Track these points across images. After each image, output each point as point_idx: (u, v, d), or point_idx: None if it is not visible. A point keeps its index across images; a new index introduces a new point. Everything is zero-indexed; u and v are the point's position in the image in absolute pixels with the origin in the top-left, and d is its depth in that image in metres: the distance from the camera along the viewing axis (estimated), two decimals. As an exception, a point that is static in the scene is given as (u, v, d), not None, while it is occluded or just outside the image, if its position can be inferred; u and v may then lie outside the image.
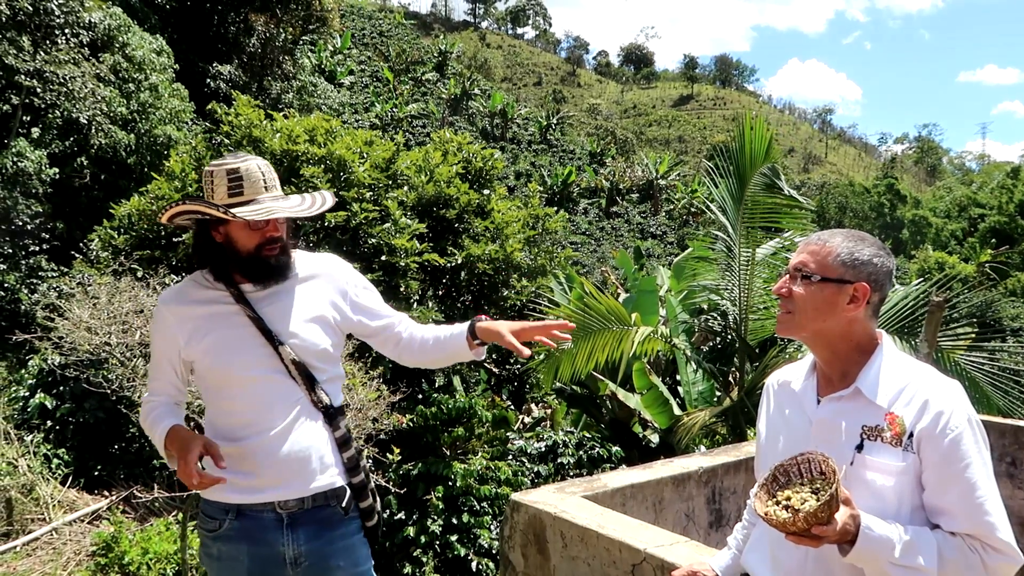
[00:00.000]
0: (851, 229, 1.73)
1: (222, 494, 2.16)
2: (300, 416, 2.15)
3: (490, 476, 7.71)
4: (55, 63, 13.80)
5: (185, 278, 2.30)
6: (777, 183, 6.34)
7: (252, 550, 2.14)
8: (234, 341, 2.14)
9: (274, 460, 2.12)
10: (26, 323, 11.25)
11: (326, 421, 2.20)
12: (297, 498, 2.14)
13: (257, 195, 2.15)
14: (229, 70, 21.26)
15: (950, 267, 33.67)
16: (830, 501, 1.43)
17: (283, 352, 2.13)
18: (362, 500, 2.25)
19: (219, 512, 2.17)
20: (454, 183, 10.52)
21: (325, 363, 2.22)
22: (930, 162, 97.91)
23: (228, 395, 2.17)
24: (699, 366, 7.86)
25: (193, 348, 2.17)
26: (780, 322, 1.73)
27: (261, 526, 2.14)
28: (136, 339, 5.65)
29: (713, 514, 3.30)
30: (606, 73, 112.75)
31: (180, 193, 10.07)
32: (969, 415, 1.59)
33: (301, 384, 2.16)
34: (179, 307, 2.20)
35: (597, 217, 44.16)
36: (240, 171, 2.15)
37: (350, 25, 60.46)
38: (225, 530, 2.16)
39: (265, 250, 2.16)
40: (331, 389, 2.23)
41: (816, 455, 1.54)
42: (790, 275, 1.71)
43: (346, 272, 2.33)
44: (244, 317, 2.16)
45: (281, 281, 2.20)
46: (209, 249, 2.19)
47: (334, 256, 2.39)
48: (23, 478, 7.37)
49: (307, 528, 2.15)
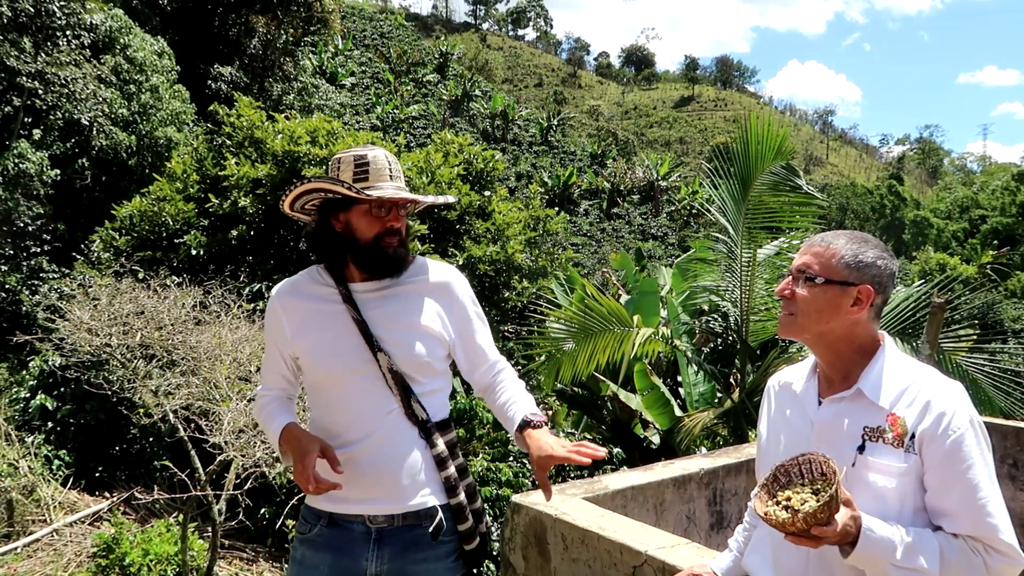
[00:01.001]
0: (854, 231, 1.72)
1: (317, 500, 2.12)
2: (393, 428, 2.08)
3: (491, 478, 7.70)
4: (56, 65, 13.81)
5: (302, 271, 2.24)
6: (792, 180, 6.33)
7: (335, 561, 2.09)
8: (335, 341, 2.09)
9: (364, 472, 2.06)
10: (27, 324, 11.25)
11: (422, 435, 2.10)
12: (387, 514, 2.07)
13: (381, 182, 2.11)
14: (230, 71, 21.28)
15: (951, 268, 33.67)
16: (830, 502, 1.43)
17: (380, 359, 2.06)
18: (461, 522, 2.13)
19: (312, 517, 2.14)
20: (455, 184, 10.53)
21: (425, 375, 2.12)
22: (931, 163, 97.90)
23: (326, 397, 2.12)
24: (700, 367, 7.85)
25: (298, 343, 2.13)
26: (782, 324, 1.72)
27: (350, 538, 2.08)
28: (137, 340, 5.65)
29: (714, 516, 3.30)
30: (607, 74, 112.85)
31: (181, 194, 10.08)
32: (971, 416, 1.58)
33: (396, 394, 2.07)
34: (289, 300, 2.16)
35: (598, 218, 44.14)
36: (367, 158, 2.11)
37: (351, 26, 60.50)
38: (314, 535, 2.12)
39: (384, 240, 2.10)
40: (431, 402, 2.13)
41: (817, 456, 1.54)
42: (793, 277, 1.70)
43: (460, 289, 2.23)
44: (348, 318, 2.10)
45: (395, 276, 2.14)
46: (327, 239, 2.14)
47: (455, 270, 2.28)
48: (24, 479, 7.36)
49: (394, 546, 2.08)
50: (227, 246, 9.58)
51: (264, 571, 7.18)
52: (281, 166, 9.79)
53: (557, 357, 6.85)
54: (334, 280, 2.14)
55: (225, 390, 5.47)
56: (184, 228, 9.79)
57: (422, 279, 2.18)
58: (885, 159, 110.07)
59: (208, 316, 6.29)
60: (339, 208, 2.11)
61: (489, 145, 36.45)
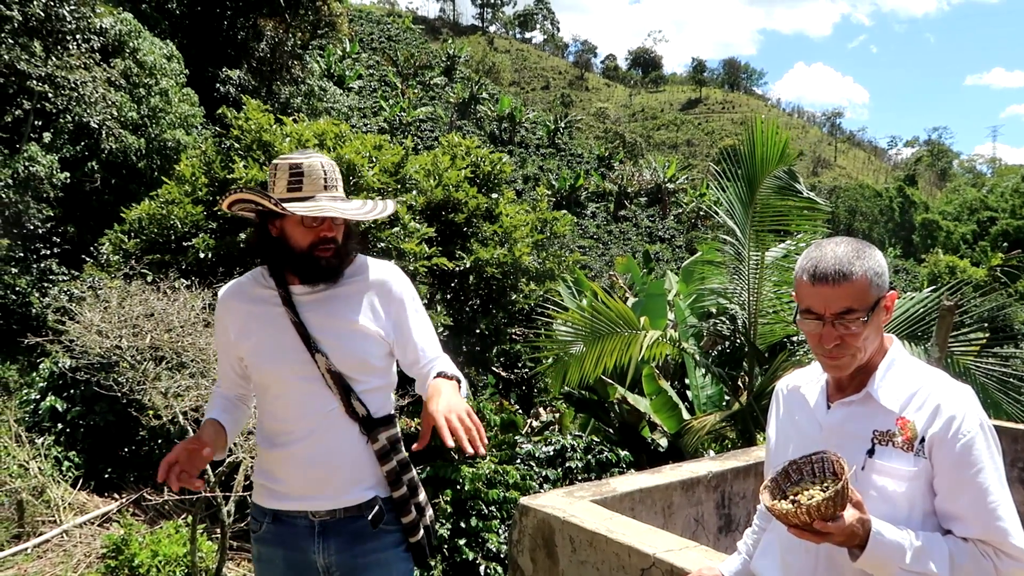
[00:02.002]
0: (840, 239, 1.65)
1: (261, 498, 2.19)
2: (332, 425, 2.11)
3: (498, 480, 7.70)
4: (66, 68, 13.89)
5: (248, 273, 2.29)
6: (794, 185, 6.31)
7: (287, 555, 2.16)
8: (275, 344, 2.13)
9: (304, 469, 2.11)
10: (37, 326, 11.32)
11: (363, 432, 2.13)
12: (327, 509, 2.12)
13: (315, 192, 2.12)
14: (239, 75, 21.36)
15: (961, 271, 33.50)
16: (835, 496, 1.42)
17: (319, 360, 2.10)
18: (404, 515, 2.18)
19: (260, 515, 2.20)
20: (462, 187, 10.54)
21: (363, 373, 2.15)
22: (941, 166, 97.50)
23: (269, 398, 2.16)
24: (708, 370, 7.83)
25: (241, 345, 2.18)
26: (841, 367, 1.63)
27: (294, 532, 2.14)
28: (147, 343, 5.68)
29: (723, 519, 3.29)
30: (614, 77, 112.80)
31: (190, 197, 10.13)
32: (981, 420, 1.58)
33: (336, 393, 2.11)
34: (233, 302, 2.21)
35: (605, 221, 44.11)
36: (302, 167, 2.13)
37: (358, 30, 60.66)
38: (264, 533, 2.19)
39: (317, 250, 2.12)
40: (372, 399, 2.16)
41: (830, 455, 1.54)
42: (830, 324, 1.59)
43: (400, 288, 2.24)
44: (287, 320, 2.13)
45: (331, 284, 2.16)
46: (265, 243, 2.18)
47: (394, 268, 2.30)
48: (34, 480, 7.41)
49: (339, 539, 2.13)
50: (235, 249, 9.62)
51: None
52: (289, 169, 9.79)
53: (564, 360, 6.84)
54: (275, 282, 2.17)
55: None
56: (193, 231, 9.83)
57: (360, 279, 2.21)
58: (893, 161, 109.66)
59: (217, 318, 6.29)
60: (274, 216, 2.13)
61: (496, 148, 36.51)
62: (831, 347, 1.60)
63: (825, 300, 1.59)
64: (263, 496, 2.18)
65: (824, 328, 1.60)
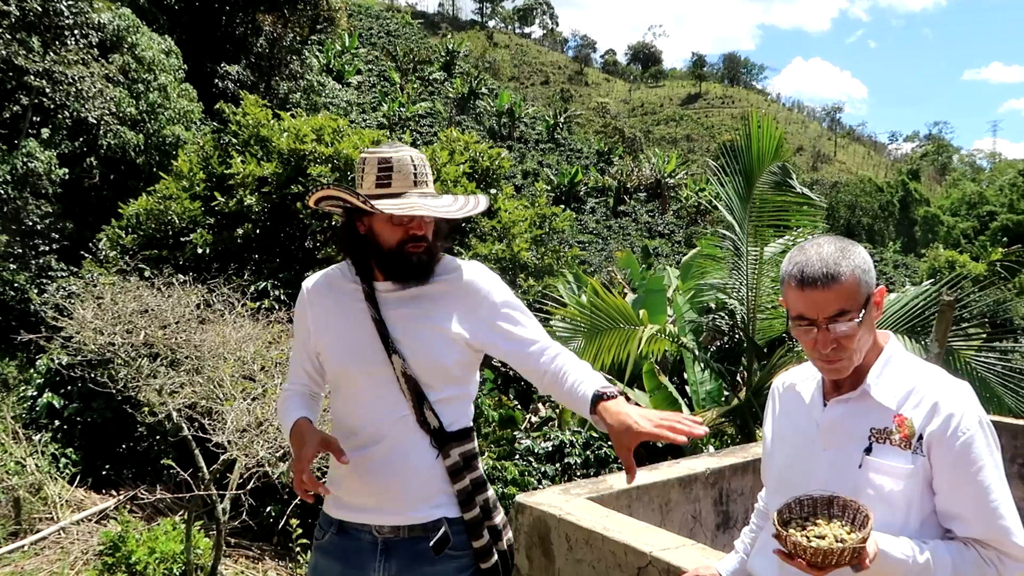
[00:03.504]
0: (822, 239, 1.62)
1: (329, 507, 2.09)
2: (402, 434, 2.00)
3: (497, 476, 7.68)
4: (64, 64, 13.85)
5: (335, 265, 2.19)
6: (788, 181, 6.29)
7: (344, 569, 2.04)
8: (353, 339, 2.03)
9: (368, 477, 2.00)
10: (35, 323, 11.31)
11: (434, 445, 2.01)
12: (392, 525, 2.00)
13: (406, 189, 2.01)
14: (237, 70, 21.31)
15: (960, 266, 33.50)
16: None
17: (395, 361, 1.98)
18: (475, 538, 2.02)
19: (326, 523, 2.10)
20: (461, 182, 10.50)
21: (441, 380, 2.02)
22: (942, 160, 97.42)
23: (342, 395, 2.07)
24: (707, 365, 7.82)
25: (319, 338, 2.09)
26: (839, 370, 1.60)
27: (357, 547, 2.03)
28: (141, 339, 5.65)
29: (720, 516, 3.27)
30: (613, 72, 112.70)
31: (188, 193, 10.10)
32: (980, 417, 1.56)
33: (409, 399, 1.99)
34: (316, 293, 2.13)
35: (604, 216, 44.08)
36: (392, 161, 2.02)
37: (358, 25, 60.55)
38: (326, 542, 2.09)
39: (408, 247, 2.01)
40: (446, 410, 2.03)
41: (851, 502, 1.51)
42: (822, 327, 1.56)
43: (488, 285, 2.09)
44: (368, 316, 2.03)
45: (419, 283, 2.04)
46: (353, 240, 2.07)
47: (481, 267, 2.16)
48: (31, 477, 7.39)
49: (401, 558, 2.00)
50: (233, 244, 9.59)
51: (269, 569, 7.18)
52: (287, 164, 9.78)
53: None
54: (360, 277, 2.08)
55: (229, 389, 5.46)
56: (190, 226, 9.80)
57: (449, 279, 2.09)
58: (893, 156, 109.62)
59: (212, 315, 6.28)
60: (362, 212, 2.03)
61: (495, 143, 36.44)
62: (828, 351, 1.57)
63: (816, 305, 1.55)
64: (330, 504, 2.08)
65: (819, 333, 1.56)
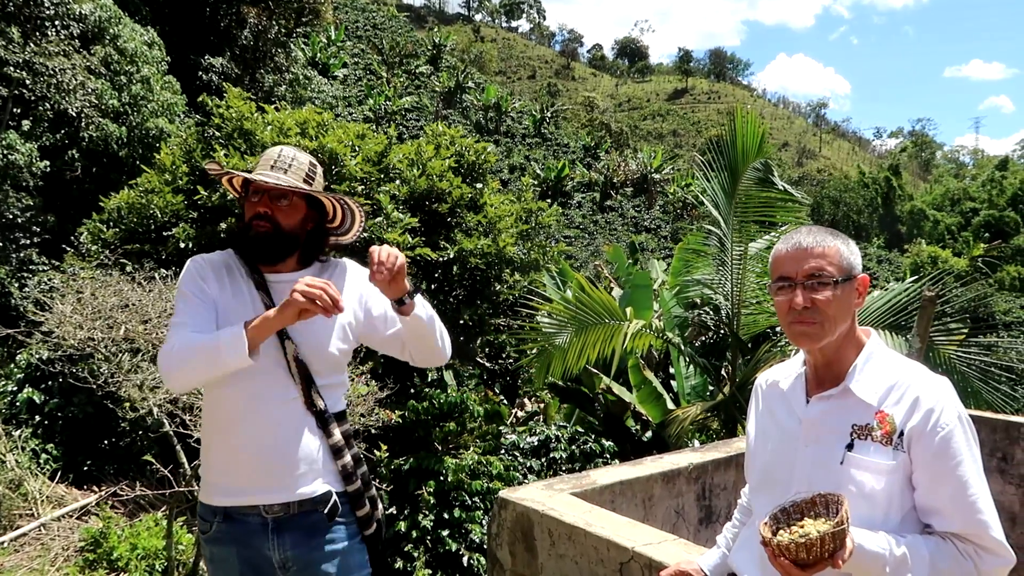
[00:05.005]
0: (811, 227, 1.67)
1: (209, 497, 2.14)
2: (291, 417, 2.09)
3: (482, 471, 7.68)
4: (45, 55, 13.66)
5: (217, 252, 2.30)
6: (770, 177, 6.31)
7: (241, 552, 2.11)
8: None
9: (258, 458, 2.07)
10: (16, 317, 11.18)
11: (319, 425, 2.13)
12: (282, 503, 2.08)
13: (263, 170, 2.17)
14: (221, 62, 21.10)
15: (943, 261, 33.80)
16: (837, 532, 1.40)
17: (287, 346, 2.09)
18: (358, 508, 2.19)
19: (209, 515, 2.16)
20: (447, 177, 10.45)
21: (328, 367, 2.16)
22: (925, 157, 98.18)
23: (232, 377, 2.06)
24: (692, 360, 7.84)
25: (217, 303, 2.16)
26: (806, 336, 1.61)
27: (247, 530, 2.10)
28: (121, 334, 5.59)
29: (703, 511, 3.28)
30: (600, 66, 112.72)
31: (170, 186, 10.00)
32: (959, 412, 1.57)
33: (298, 383, 2.10)
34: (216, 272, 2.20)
35: (591, 211, 44.14)
36: (269, 153, 2.22)
37: (343, 17, 60.20)
38: (215, 533, 2.14)
39: (253, 224, 2.14)
40: (330, 394, 2.17)
41: (826, 494, 1.50)
42: (801, 286, 1.59)
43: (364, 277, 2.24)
44: (261, 304, 2.13)
45: (267, 262, 2.16)
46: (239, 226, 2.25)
47: (351, 261, 2.33)
48: (11, 473, 7.31)
49: (293, 533, 2.10)
50: (216, 239, 9.50)
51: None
52: (271, 158, 9.68)
53: (548, 352, 6.81)
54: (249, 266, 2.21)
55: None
56: (173, 220, 9.70)
57: (335, 274, 2.25)
58: (878, 152, 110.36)
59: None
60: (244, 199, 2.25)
61: (482, 137, 36.39)
62: (801, 309, 1.59)
63: (796, 261, 1.62)
64: (212, 493, 2.14)
65: (795, 292, 1.60)
